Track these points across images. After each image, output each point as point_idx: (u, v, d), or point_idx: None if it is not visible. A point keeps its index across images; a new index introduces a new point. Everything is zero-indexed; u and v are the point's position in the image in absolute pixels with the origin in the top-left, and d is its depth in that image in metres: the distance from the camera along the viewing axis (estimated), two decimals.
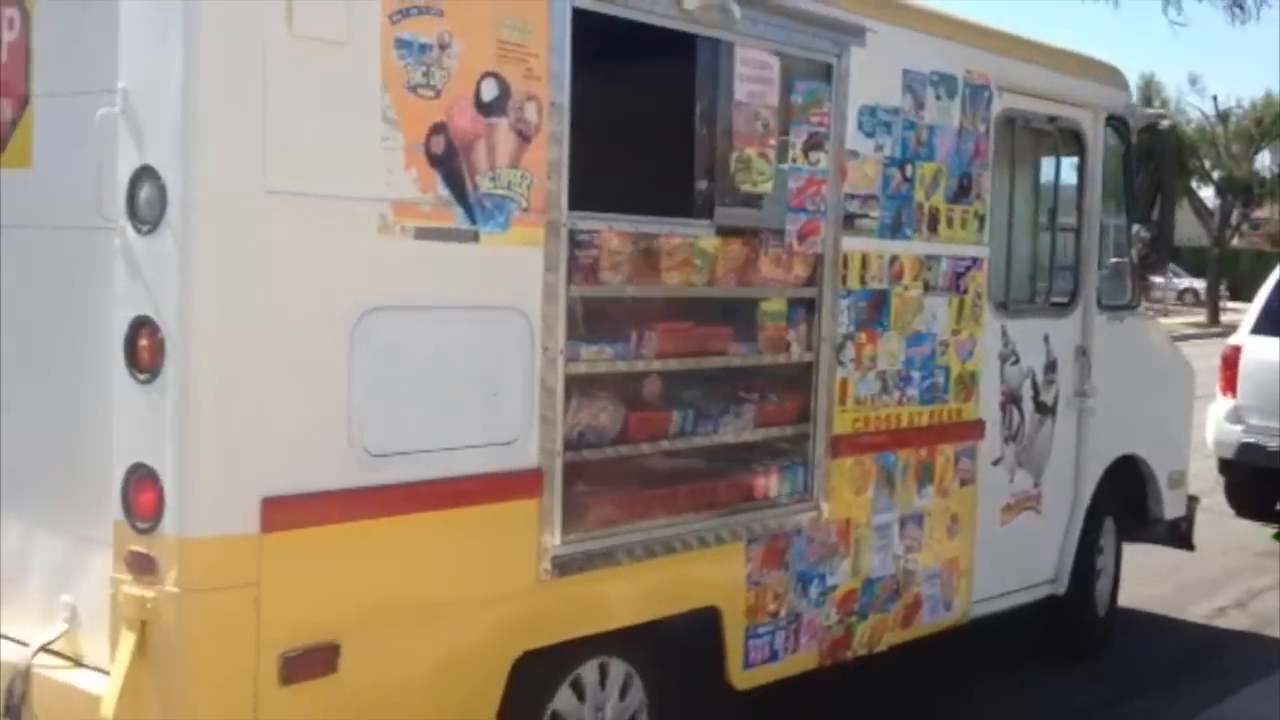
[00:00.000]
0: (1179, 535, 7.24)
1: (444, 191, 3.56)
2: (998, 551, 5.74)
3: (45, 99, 3.60)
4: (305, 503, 3.30)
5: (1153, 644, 6.96)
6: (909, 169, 5.12)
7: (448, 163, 3.56)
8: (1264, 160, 41.29)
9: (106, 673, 3.22)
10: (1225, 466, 10.17)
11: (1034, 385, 5.98)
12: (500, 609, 3.84)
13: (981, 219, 5.51)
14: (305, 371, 3.31)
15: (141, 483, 3.21)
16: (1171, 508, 7.00)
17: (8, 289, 3.68)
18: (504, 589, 3.84)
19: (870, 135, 4.92)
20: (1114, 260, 6.60)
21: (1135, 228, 6.69)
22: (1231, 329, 10.49)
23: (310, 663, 3.33)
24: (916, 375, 5.26)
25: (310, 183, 3.28)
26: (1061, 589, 6.24)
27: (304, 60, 3.25)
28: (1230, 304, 38.90)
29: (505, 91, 3.69)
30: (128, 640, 3.16)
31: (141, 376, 3.21)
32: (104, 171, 3.25)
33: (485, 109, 3.65)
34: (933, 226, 5.25)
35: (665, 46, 4.31)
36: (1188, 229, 49.18)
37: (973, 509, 5.61)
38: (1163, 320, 24.85)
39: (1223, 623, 7.43)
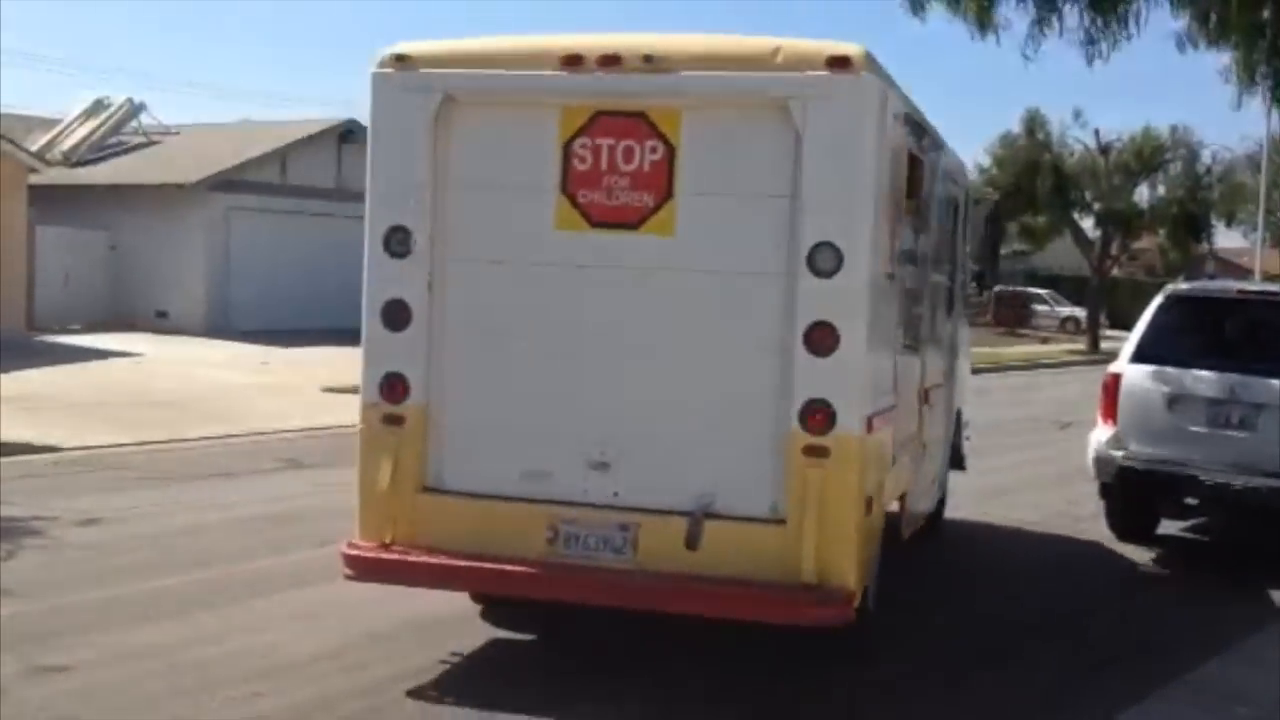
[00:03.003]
0: (959, 458, 10.91)
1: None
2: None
3: (689, 196, 6.22)
4: (876, 418, 6.42)
5: (1040, 664, 7.02)
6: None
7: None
8: (1143, 192, 42.50)
9: (747, 519, 6.15)
10: (1106, 492, 10.36)
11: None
12: None
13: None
14: (888, 343, 6.89)
15: (815, 410, 6.03)
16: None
17: (668, 305, 6.34)
18: None
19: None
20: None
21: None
22: (1111, 356, 10.72)
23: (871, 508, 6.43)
24: None
25: (881, 256, 6.43)
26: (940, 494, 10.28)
27: (894, 178, 6.72)
28: (1110, 332, 39.91)
29: None
30: (809, 488, 6.02)
31: (818, 354, 6.05)
32: (784, 242, 6.12)
33: None
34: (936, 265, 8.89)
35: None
36: (1069, 259, 50.50)
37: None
38: (1044, 347, 25.34)
39: (1106, 646, 7.52)
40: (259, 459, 13.09)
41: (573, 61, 6.30)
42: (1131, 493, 10.18)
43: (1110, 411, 10.14)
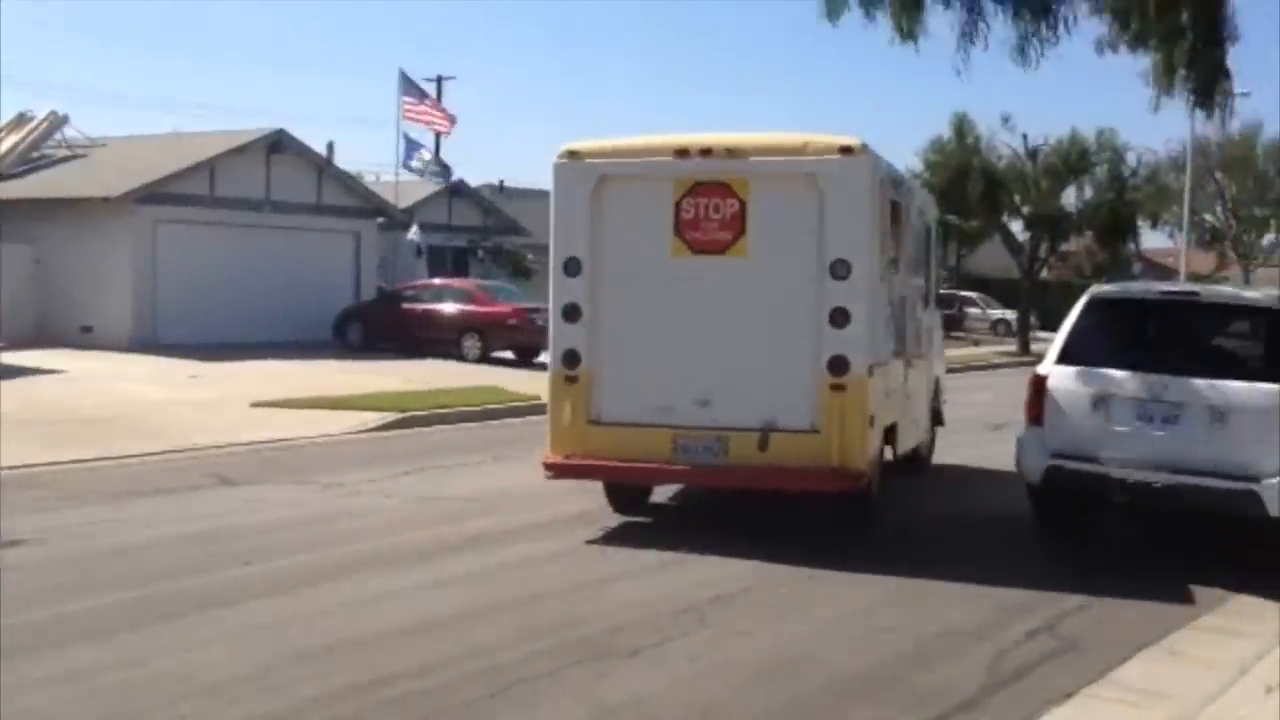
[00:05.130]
0: (939, 416, 14.69)
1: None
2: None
3: (755, 233, 10.04)
4: (875, 368, 10.18)
5: (963, 667, 7.08)
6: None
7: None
8: (1070, 195, 43.03)
9: (796, 431, 9.95)
10: (1034, 492, 10.48)
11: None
12: None
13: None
14: (881, 320, 10.65)
15: (837, 361, 9.82)
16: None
17: (743, 301, 10.13)
18: None
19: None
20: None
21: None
22: (1041, 358, 10.83)
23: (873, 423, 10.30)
24: None
25: (875, 267, 10.23)
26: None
27: (882, 219, 10.51)
28: (1040, 334, 40.36)
29: None
30: (834, 411, 9.83)
31: (838, 327, 9.83)
32: (815, 260, 9.96)
33: None
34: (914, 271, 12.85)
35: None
36: (999, 262, 51.08)
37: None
38: (976, 350, 25.70)
39: (1032, 645, 7.59)
40: (188, 475, 12.91)
41: (682, 153, 10.23)
42: (1058, 492, 10.30)
43: (1037, 412, 10.26)
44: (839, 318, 9.85)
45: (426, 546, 9.79)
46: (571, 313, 10.41)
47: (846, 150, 9.98)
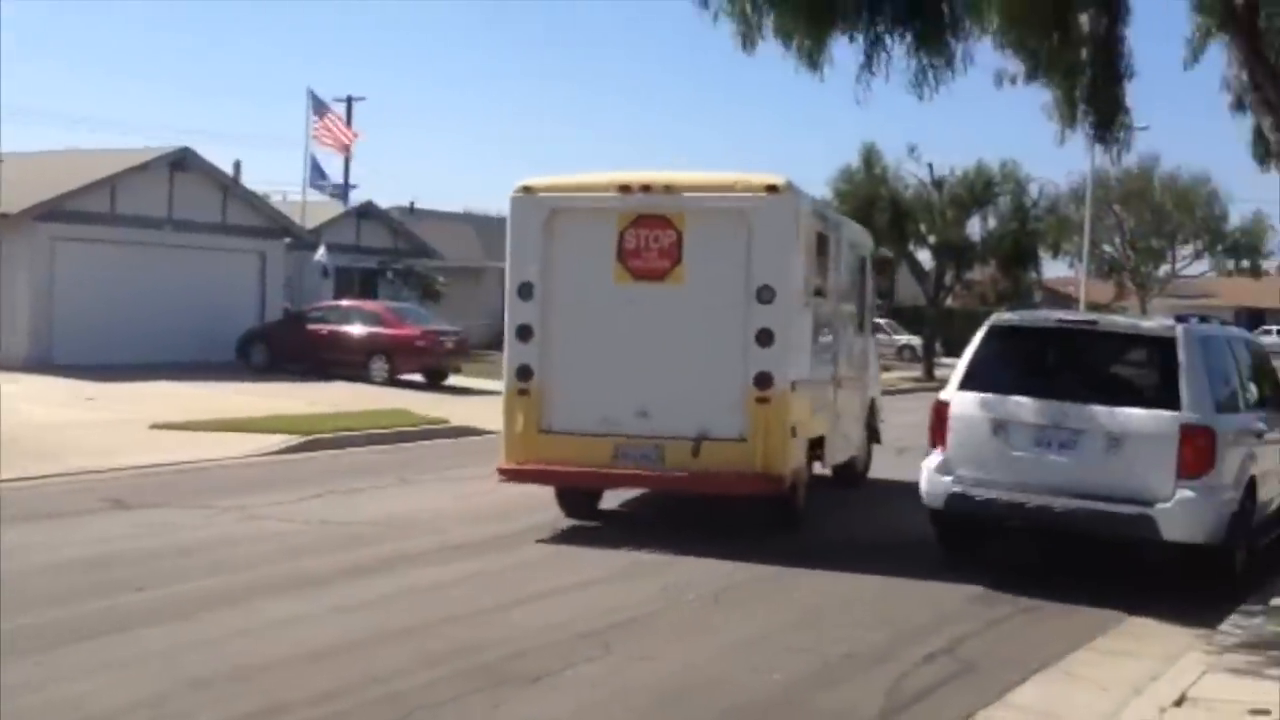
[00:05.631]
0: (876, 434, 15.46)
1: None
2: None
3: (690, 262, 11.13)
4: (797, 384, 11.36)
5: (865, 690, 7.12)
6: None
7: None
8: (975, 225, 43.74)
9: (725, 440, 10.96)
10: (936, 516, 10.61)
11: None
12: None
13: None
14: (804, 340, 11.70)
15: (762, 376, 10.93)
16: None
17: (679, 323, 11.20)
18: None
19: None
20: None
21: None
22: (945, 384, 10.98)
23: (795, 434, 11.42)
24: None
25: (798, 293, 11.42)
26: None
27: (807, 250, 11.73)
28: (946, 360, 40.89)
29: None
30: (759, 421, 10.90)
31: (763, 346, 10.97)
32: (744, 286, 11.03)
33: None
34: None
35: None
36: (906, 289, 51.81)
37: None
38: (883, 375, 26.12)
39: (932, 668, 7.67)
40: (83, 499, 12.58)
41: (625, 189, 11.32)
42: (960, 517, 10.44)
43: (940, 438, 10.40)
44: (764, 338, 10.94)
45: (329, 571, 9.64)
46: (524, 333, 11.40)
47: (772, 188, 11.14)
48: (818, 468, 12.83)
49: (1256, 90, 11.19)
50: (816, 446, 12.42)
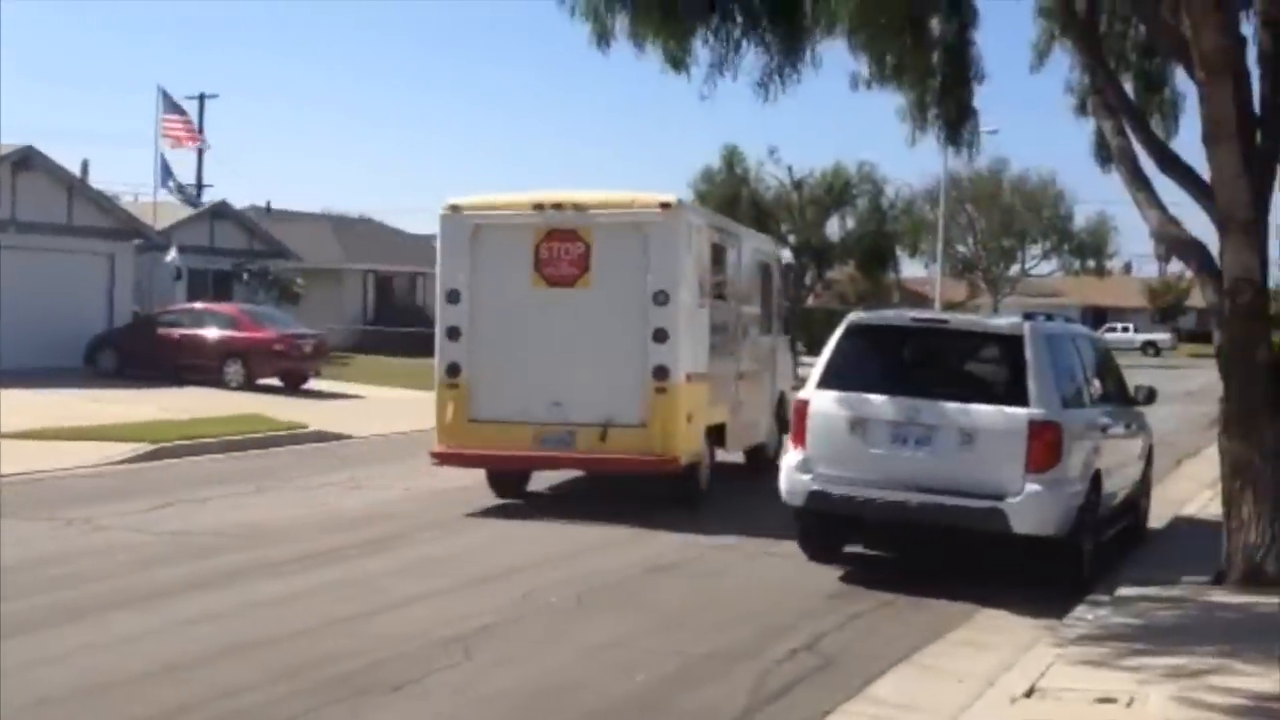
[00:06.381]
0: (785, 424, 14.42)
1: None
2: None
3: (597, 269, 12.82)
4: (692, 376, 13.09)
5: (728, 688, 7.16)
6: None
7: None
8: (834, 225, 44.56)
9: (628, 426, 12.64)
10: (798, 515, 10.71)
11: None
12: None
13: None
14: (699, 338, 13.32)
15: (659, 369, 12.61)
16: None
17: (588, 323, 12.79)
18: None
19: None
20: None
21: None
22: (805, 383, 11.09)
23: (691, 420, 13.09)
24: None
25: (692, 296, 13.11)
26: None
27: (698, 258, 13.46)
28: (808, 359, 41.44)
29: None
30: (657, 409, 12.58)
31: (660, 342, 12.57)
32: (643, 291, 12.63)
33: None
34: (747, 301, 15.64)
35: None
36: None
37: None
38: None
39: (793, 664, 7.74)
40: None
41: (539, 207, 12.97)
42: (820, 514, 10.56)
43: (800, 437, 10.50)
44: (660, 336, 12.55)
45: (179, 583, 9.35)
46: (453, 333, 13.00)
47: (665, 205, 12.83)
48: (722, 454, 14.40)
49: (1097, 94, 11.57)
50: (718, 433, 13.92)
